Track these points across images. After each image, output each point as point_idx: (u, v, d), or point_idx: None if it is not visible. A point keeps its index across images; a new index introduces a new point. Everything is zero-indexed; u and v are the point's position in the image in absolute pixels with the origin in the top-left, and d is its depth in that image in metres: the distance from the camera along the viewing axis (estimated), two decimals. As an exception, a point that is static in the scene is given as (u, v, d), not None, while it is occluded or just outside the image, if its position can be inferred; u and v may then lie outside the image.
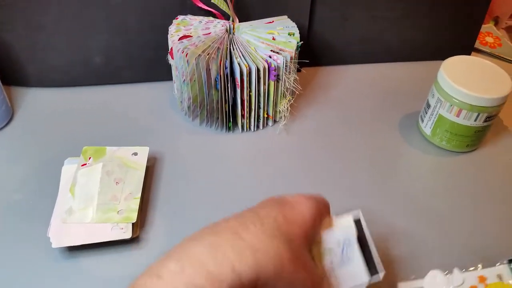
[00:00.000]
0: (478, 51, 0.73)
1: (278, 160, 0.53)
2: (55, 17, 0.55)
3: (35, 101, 0.59)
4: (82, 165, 0.47)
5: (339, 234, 0.34)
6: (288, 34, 0.54)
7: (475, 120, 0.50)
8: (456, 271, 0.39)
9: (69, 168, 0.47)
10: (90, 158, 0.48)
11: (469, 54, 0.70)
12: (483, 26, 0.76)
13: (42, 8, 0.54)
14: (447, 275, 0.39)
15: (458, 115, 0.51)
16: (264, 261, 0.27)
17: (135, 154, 0.49)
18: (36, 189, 0.48)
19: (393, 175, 0.52)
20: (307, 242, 0.31)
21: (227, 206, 0.47)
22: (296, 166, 0.52)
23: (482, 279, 0.39)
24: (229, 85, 0.51)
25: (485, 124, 0.51)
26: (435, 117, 0.53)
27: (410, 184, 0.51)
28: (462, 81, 0.50)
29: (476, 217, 0.48)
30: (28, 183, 0.48)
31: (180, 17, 0.56)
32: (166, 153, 0.53)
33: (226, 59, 0.50)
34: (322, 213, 0.33)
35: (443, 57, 0.54)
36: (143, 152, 0.49)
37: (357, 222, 0.34)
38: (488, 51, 0.73)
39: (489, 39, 0.75)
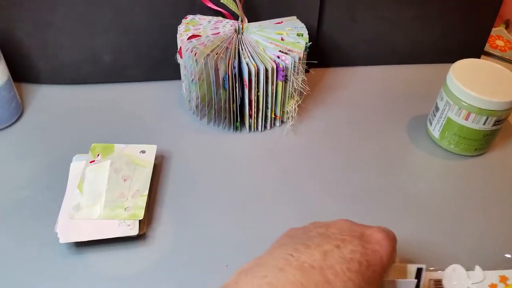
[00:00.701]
0: (488, 54, 0.73)
1: (285, 160, 0.53)
2: (64, 15, 0.55)
3: (45, 98, 0.60)
4: (91, 162, 0.47)
5: (401, 282, 0.33)
6: (297, 35, 0.54)
7: (483, 124, 0.50)
8: (477, 267, 0.39)
9: (77, 165, 0.47)
10: (98, 155, 0.48)
11: (478, 57, 0.70)
12: (494, 29, 0.76)
13: (52, 6, 0.55)
14: (468, 271, 0.39)
15: (466, 119, 0.50)
16: None
17: (143, 152, 0.49)
18: (44, 185, 0.48)
19: (400, 177, 0.52)
20: (378, 286, 0.30)
21: (233, 206, 0.47)
22: (303, 167, 0.52)
23: (503, 278, 0.39)
24: (237, 85, 0.51)
25: (494, 128, 0.51)
26: (443, 120, 0.53)
27: (418, 187, 0.51)
28: (471, 84, 0.50)
29: (484, 221, 0.47)
30: (37, 179, 0.49)
31: (190, 17, 0.56)
32: (174, 151, 0.53)
33: (235, 59, 0.50)
34: (395, 255, 0.32)
35: (452, 60, 0.54)
36: (151, 150, 0.49)
37: (419, 271, 0.34)
38: (498, 54, 0.73)
39: (500, 43, 0.75)
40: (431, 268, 0.41)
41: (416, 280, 0.34)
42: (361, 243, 0.30)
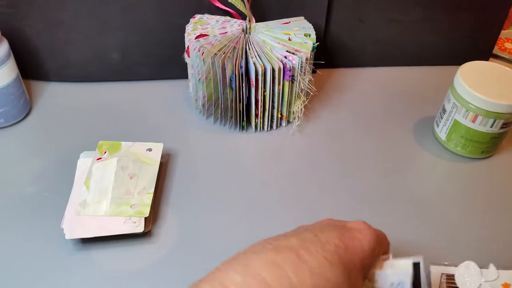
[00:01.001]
0: (497, 57, 0.72)
1: (290, 160, 0.53)
2: (73, 13, 0.56)
3: (53, 95, 0.60)
4: (98, 159, 0.47)
5: (393, 276, 0.33)
6: (304, 35, 0.54)
7: (491, 127, 0.50)
8: (491, 265, 0.39)
9: (84, 162, 0.48)
10: (105, 152, 0.48)
11: (487, 59, 0.69)
12: (503, 32, 0.75)
13: (61, 4, 0.55)
14: (481, 269, 0.38)
15: (474, 121, 0.50)
16: (322, 286, 0.27)
17: (150, 150, 0.49)
18: (51, 182, 0.49)
19: (406, 179, 0.52)
20: (362, 274, 0.31)
21: (238, 205, 0.48)
22: (309, 167, 0.52)
23: None
24: (244, 84, 0.51)
25: (501, 130, 0.51)
26: (450, 122, 0.53)
27: (424, 189, 0.51)
28: (478, 87, 0.49)
29: (491, 224, 0.47)
30: (44, 175, 0.49)
31: (198, 16, 0.56)
32: (180, 150, 0.53)
33: (242, 58, 0.50)
34: (381, 247, 0.32)
35: (460, 62, 0.54)
36: (157, 148, 0.49)
37: (416, 266, 0.33)
38: (507, 57, 0.72)
39: (508, 45, 0.75)
40: (445, 263, 0.40)
41: (410, 272, 0.33)
42: (340, 231, 0.31)
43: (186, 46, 0.54)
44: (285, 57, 0.51)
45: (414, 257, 0.33)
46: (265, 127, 0.56)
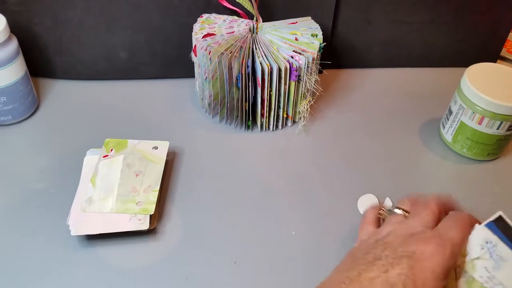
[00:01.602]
0: (504, 59, 0.72)
1: (295, 160, 0.53)
2: (81, 11, 0.56)
3: (61, 93, 0.60)
4: (104, 157, 0.48)
5: (476, 240, 0.34)
6: (311, 35, 0.54)
7: (497, 129, 0.50)
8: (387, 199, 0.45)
9: (91, 159, 0.48)
10: (112, 150, 0.49)
11: (494, 61, 0.69)
12: (511, 34, 0.75)
13: (70, 3, 0.55)
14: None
15: (480, 123, 0.50)
16: None
17: (156, 148, 0.49)
18: (58, 178, 0.49)
19: (412, 181, 0.51)
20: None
21: (242, 204, 0.48)
22: (314, 167, 0.52)
23: None
24: (250, 84, 0.51)
25: (508, 132, 0.50)
26: (456, 124, 0.53)
27: (429, 190, 0.50)
28: (485, 89, 0.49)
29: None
30: (51, 172, 0.50)
31: (205, 15, 0.56)
32: (186, 148, 0.53)
33: (248, 58, 0.50)
34: (453, 255, 0.34)
35: (467, 64, 0.54)
36: (163, 147, 0.50)
37: (498, 220, 0.34)
38: (514, 59, 0.72)
39: (516, 48, 0.74)
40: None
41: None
42: (409, 264, 0.32)
43: (193, 45, 0.54)
44: (292, 57, 0.51)
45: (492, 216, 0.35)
46: (271, 126, 0.56)
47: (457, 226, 0.35)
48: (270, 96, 0.53)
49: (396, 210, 0.39)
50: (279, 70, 0.50)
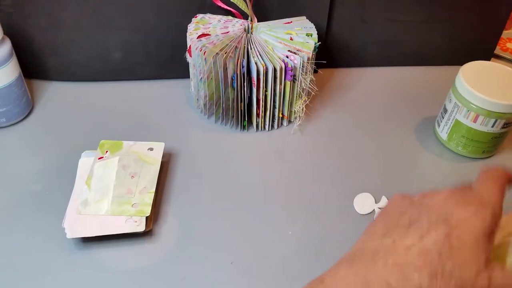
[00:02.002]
0: (498, 57, 0.72)
1: (291, 160, 0.53)
2: (75, 12, 0.56)
3: (55, 95, 0.60)
4: (99, 158, 0.48)
5: None
6: (306, 35, 0.54)
7: (492, 126, 0.50)
8: (383, 197, 0.47)
9: (86, 161, 0.48)
10: (107, 151, 0.48)
11: (488, 59, 0.69)
12: (505, 32, 0.75)
13: (64, 4, 0.55)
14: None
15: (475, 121, 0.50)
16: None
17: (151, 149, 0.49)
18: (53, 181, 0.49)
19: (408, 179, 0.52)
20: (484, 258, 0.30)
21: (239, 204, 0.48)
22: (310, 167, 0.52)
23: None
24: (245, 84, 0.51)
25: (503, 130, 0.51)
26: (451, 122, 0.53)
27: (425, 188, 0.50)
28: (480, 87, 0.49)
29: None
30: (46, 174, 0.49)
31: (199, 16, 0.56)
32: (181, 149, 0.53)
33: (243, 58, 0.50)
34: (496, 213, 0.32)
35: (461, 62, 0.54)
36: (159, 148, 0.50)
37: None
38: (508, 57, 0.72)
39: (510, 45, 0.74)
40: None
41: None
42: (446, 229, 0.30)
43: (188, 46, 0.54)
44: (287, 57, 0.51)
45: None
46: (266, 126, 0.56)
47: (494, 184, 0.34)
48: (266, 96, 0.53)
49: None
50: (274, 70, 0.50)
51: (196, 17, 0.56)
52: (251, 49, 0.52)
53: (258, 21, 0.56)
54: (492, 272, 0.29)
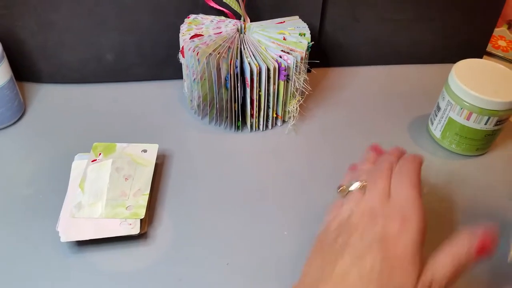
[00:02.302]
0: (491, 54, 0.73)
1: (286, 160, 0.53)
2: (67, 14, 0.56)
3: (47, 97, 0.60)
4: (92, 161, 0.47)
5: None
6: (299, 35, 0.54)
7: (485, 124, 0.50)
8: None
9: (79, 164, 0.48)
10: (100, 154, 0.48)
11: (481, 57, 0.70)
12: (496, 29, 0.76)
13: (54, 5, 0.55)
14: None
15: (468, 119, 0.50)
16: None
17: (145, 151, 0.49)
18: (46, 184, 0.48)
19: (401, 177, 0.52)
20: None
21: (234, 205, 0.48)
22: (304, 166, 0.52)
23: None
24: (239, 84, 0.51)
25: (496, 128, 0.51)
26: (445, 120, 0.53)
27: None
28: (473, 84, 0.49)
29: (485, 221, 0.47)
30: (39, 177, 0.49)
31: (192, 16, 0.56)
32: (175, 150, 0.53)
33: (237, 58, 0.50)
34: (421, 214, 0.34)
35: (454, 60, 0.54)
36: (153, 149, 0.49)
37: None
38: (500, 55, 0.73)
39: (502, 43, 0.75)
40: None
41: None
42: (380, 246, 0.32)
43: (180, 46, 0.54)
44: (280, 57, 0.51)
45: None
46: (261, 127, 0.56)
47: (411, 187, 0.35)
48: (259, 96, 0.53)
49: (353, 187, 0.37)
50: (268, 70, 0.50)
51: (188, 17, 0.56)
52: (244, 49, 0.52)
53: (251, 21, 0.56)
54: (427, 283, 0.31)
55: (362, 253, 0.32)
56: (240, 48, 0.52)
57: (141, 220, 0.43)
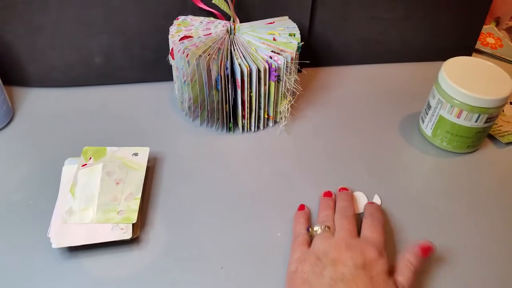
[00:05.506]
0: (479, 52, 0.73)
1: (278, 160, 0.53)
2: (55, 17, 0.55)
3: (36, 101, 0.59)
4: (83, 166, 0.47)
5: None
6: (289, 35, 0.54)
7: (475, 121, 0.50)
8: (376, 196, 0.48)
9: (69, 169, 0.47)
10: (90, 158, 0.48)
11: (470, 55, 0.70)
12: (484, 27, 0.76)
13: (42, 9, 0.54)
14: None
15: (458, 116, 0.51)
16: None
17: (136, 154, 0.49)
18: (36, 190, 0.48)
19: (393, 176, 0.52)
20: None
21: (227, 207, 0.47)
22: (297, 167, 0.52)
23: None
24: (229, 85, 0.51)
25: (486, 125, 0.51)
26: (435, 118, 0.53)
27: (411, 185, 0.51)
28: (462, 82, 0.50)
29: (478, 217, 0.47)
30: (29, 183, 0.48)
31: (181, 18, 0.56)
32: (167, 153, 0.53)
33: (227, 59, 0.50)
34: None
35: (444, 58, 0.54)
36: (144, 153, 0.49)
37: None
38: (489, 52, 0.73)
39: (490, 40, 0.75)
40: None
41: None
42: (367, 274, 0.37)
43: (170, 48, 0.53)
44: (270, 57, 0.50)
45: None
46: (252, 128, 0.56)
47: (377, 229, 0.42)
48: (251, 97, 0.53)
49: (317, 228, 0.42)
50: (258, 71, 0.50)
51: (177, 19, 0.55)
52: (234, 50, 0.51)
53: (240, 22, 0.56)
54: None
55: (352, 278, 0.36)
56: (230, 49, 0.51)
57: (133, 224, 0.42)
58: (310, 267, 0.38)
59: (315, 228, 0.42)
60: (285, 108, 0.55)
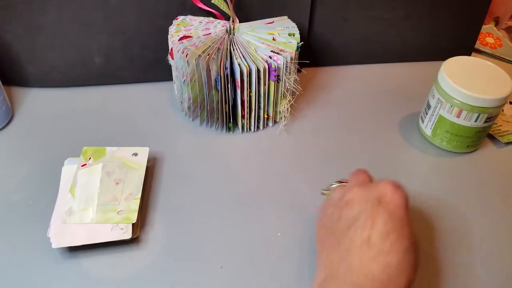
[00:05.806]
0: (479, 51, 0.73)
1: (278, 160, 0.53)
2: (54, 17, 0.55)
3: (35, 102, 0.59)
4: (82, 166, 0.47)
5: None
6: (288, 35, 0.54)
7: (475, 121, 0.50)
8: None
9: (69, 169, 0.47)
10: (90, 158, 0.48)
11: (469, 54, 0.70)
12: (484, 26, 0.76)
13: (42, 9, 0.54)
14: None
15: (458, 116, 0.51)
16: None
17: (135, 154, 0.49)
18: (36, 190, 0.48)
19: (393, 175, 0.52)
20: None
21: (227, 207, 0.47)
22: (296, 167, 0.52)
23: None
24: (229, 85, 0.51)
25: (486, 124, 0.51)
26: (435, 118, 0.53)
27: (411, 184, 0.51)
28: (462, 82, 0.50)
29: (478, 217, 0.47)
30: (28, 183, 0.48)
31: (180, 18, 0.56)
32: (166, 153, 0.53)
33: (226, 59, 0.50)
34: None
35: (443, 58, 0.54)
36: (143, 153, 0.49)
37: None
38: (488, 51, 0.73)
39: (490, 40, 0.75)
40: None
41: None
42: (385, 209, 0.34)
43: (169, 48, 0.53)
44: (270, 57, 0.50)
45: None
46: (252, 127, 0.56)
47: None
48: (250, 97, 0.53)
49: (335, 185, 0.43)
50: (258, 70, 0.50)
51: (177, 19, 0.55)
52: (233, 50, 0.51)
53: (239, 22, 0.56)
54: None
55: (371, 216, 0.34)
56: (230, 49, 0.51)
57: (133, 224, 0.42)
58: (329, 214, 0.39)
59: (333, 185, 0.43)
60: (284, 108, 0.55)
